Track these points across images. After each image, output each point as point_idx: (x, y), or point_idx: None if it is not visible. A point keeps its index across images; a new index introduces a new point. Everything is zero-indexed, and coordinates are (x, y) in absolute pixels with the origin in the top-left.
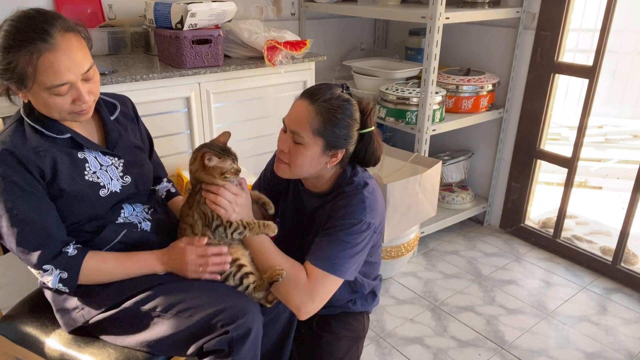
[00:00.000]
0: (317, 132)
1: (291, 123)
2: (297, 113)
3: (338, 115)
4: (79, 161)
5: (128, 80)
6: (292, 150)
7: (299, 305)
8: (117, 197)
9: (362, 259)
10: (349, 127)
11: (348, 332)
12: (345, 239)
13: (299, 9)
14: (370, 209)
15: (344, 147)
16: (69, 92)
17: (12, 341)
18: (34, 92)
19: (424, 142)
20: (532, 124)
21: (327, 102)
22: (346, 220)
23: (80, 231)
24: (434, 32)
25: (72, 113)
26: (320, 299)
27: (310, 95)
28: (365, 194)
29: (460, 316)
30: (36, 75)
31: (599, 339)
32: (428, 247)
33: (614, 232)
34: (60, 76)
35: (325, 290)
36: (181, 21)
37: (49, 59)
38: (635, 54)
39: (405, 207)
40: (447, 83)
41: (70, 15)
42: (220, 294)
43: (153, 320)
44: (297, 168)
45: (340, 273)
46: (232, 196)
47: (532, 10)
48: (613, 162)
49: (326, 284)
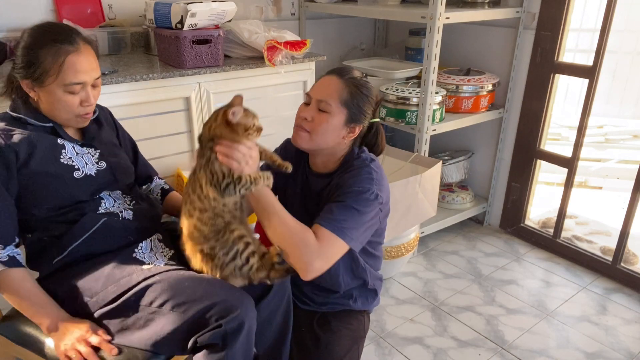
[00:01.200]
0: (344, 102)
1: (319, 93)
2: (326, 85)
3: (364, 91)
4: (57, 145)
5: (128, 80)
6: (316, 119)
7: (307, 262)
8: (94, 181)
9: (368, 232)
10: (369, 105)
11: (348, 332)
12: (354, 205)
13: (299, 9)
14: (377, 182)
15: (362, 123)
16: (80, 93)
17: (12, 341)
18: (50, 89)
19: (424, 142)
20: (532, 124)
21: (355, 79)
22: (355, 187)
23: (61, 220)
24: (434, 32)
25: (77, 116)
26: (327, 259)
27: (339, 72)
28: (373, 167)
29: (460, 316)
30: (59, 73)
31: (599, 339)
32: (428, 247)
33: (614, 232)
34: (79, 75)
35: (333, 252)
36: (181, 21)
37: (73, 60)
38: (635, 54)
39: (405, 207)
40: (447, 83)
41: (70, 15)
42: (214, 287)
43: (150, 316)
44: (318, 136)
45: (348, 239)
46: (246, 149)
47: (532, 10)
48: (613, 162)
49: (334, 245)
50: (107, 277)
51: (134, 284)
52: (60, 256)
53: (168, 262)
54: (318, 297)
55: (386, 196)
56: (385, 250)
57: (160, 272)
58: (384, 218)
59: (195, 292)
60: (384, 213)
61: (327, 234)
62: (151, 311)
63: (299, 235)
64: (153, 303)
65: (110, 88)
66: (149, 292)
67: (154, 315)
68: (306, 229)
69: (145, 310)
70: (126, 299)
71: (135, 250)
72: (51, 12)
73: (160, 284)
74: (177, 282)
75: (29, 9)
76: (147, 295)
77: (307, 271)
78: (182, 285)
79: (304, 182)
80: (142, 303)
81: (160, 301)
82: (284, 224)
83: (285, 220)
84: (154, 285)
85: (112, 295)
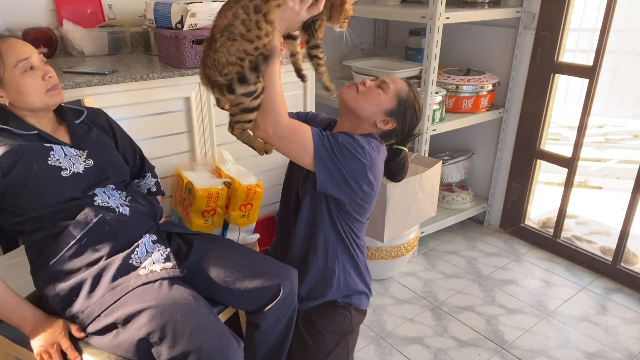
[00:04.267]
0: (399, 96)
1: (387, 78)
2: (396, 79)
3: (416, 107)
4: (45, 149)
5: (128, 80)
6: (371, 89)
7: (268, 122)
8: (82, 179)
9: (337, 187)
10: (411, 120)
11: (332, 328)
12: (342, 141)
13: None
14: (371, 152)
15: (396, 122)
16: (35, 70)
17: (12, 341)
18: (7, 79)
19: (424, 142)
20: (532, 124)
21: (416, 95)
22: (350, 134)
23: (58, 217)
24: (434, 32)
25: (47, 92)
26: (288, 134)
27: (409, 83)
28: (376, 144)
29: (460, 316)
30: (2, 59)
31: (599, 339)
32: (428, 247)
33: (614, 232)
34: (20, 53)
35: (297, 138)
36: (181, 21)
37: (6, 45)
38: (635, 54)
39: (405, 207)
40: (447, 83)
41: (70, 15)
42: (204, 327)
43: (133, 334)
44: (362, 100)
45: (317, 154)
46: (307, 5)
47: (532, 10)
48: (613, 162)
49: (303, 137)
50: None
51: (130, 289)
52: (58, 256)
53: (164, 263)
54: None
55: (378, 174)
56: (385, 250)
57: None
58: (369, 195)
59: (184, 329)
60: (366, 195)
61: (306, 130)
62: (137, 335)
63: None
64: (141, 330)
65: (110, 88)
66: (141, 316)
67: (137, 336)
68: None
69: (130, 331)
70: (117, 316)
71: (132, 255)
72: (51, 12)
73: (152, 311)
74: (171, 311)
75: (29, 9)
76: (138, 319)
77: (259, 129)
78: (173, 317)
79: None
80: (131, 326)
81: (148, 330)
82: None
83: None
84: (148, 310)
85: (108, 302)
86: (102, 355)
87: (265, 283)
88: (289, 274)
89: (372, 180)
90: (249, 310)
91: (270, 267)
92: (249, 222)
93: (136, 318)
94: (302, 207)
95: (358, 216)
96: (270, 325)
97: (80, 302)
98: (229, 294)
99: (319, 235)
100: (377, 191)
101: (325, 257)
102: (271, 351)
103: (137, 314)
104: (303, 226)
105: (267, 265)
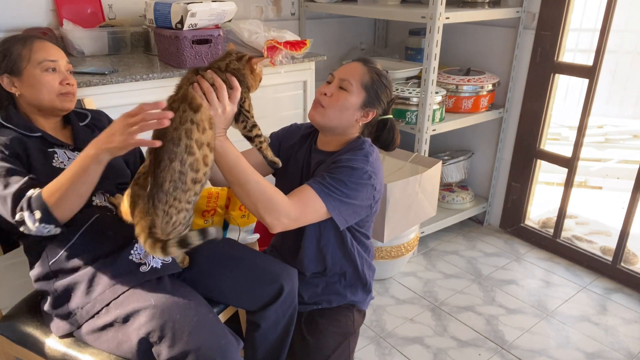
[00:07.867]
0: (364, 86)
1: (342, 73)
2: (350, 68)
3: (383, 81)
4: (48, 153)
5: (128, 80)
6: (335, 95)
7: (279, 216)
8: None
9: (354, 212)
10: (386, 95)
11: (335, 328)
12: (345, 179)
13: (299, 9)
14: (372, 167)
15: (376, 109)
16: (57, 73)
17: (12, 341)
18: (27, 74)
19: (424, 142)
20: (532, 123)
21: (377, 68)
22: (349, 164)
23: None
24: (434, 32)
25: (60, 95)
26: (301, 213)
27: (363, 60)
28: (370, 151)
29: (460, 316)
30: (31, 54)
31: (599, 339)
32: (428, 247)
33: (614, 232)
34: (50, 54)
35: (310, 210)
36: (181, 21)
37: (41, 43)
38: (635, 54)
39: (405, 207)
40: (447, 83)
41: (70, 15)
42: (203, 326)
43: (133, 334)
44: (334, 112)
45: (331, 207)
46: (227, 101)
47: (532, 10)
48: (613, 162)
49: (313, 203)
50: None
51: (131, 286)
52: (57, 256)
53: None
54: (306, 288)
55: (380, 184)
56: (385, 250)
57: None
58: (377, 205)
59: (183, 329)
60: (376, 201)
61: (311, 193)
62: (137, 335)
63: (269, 191)
64: (140, 329)
65: (110, 88)
66: (141, 315)
67: (136, 335)
68: (276, 190)
69: (130, 330)
70: (116, 314)
71: (132, 252)
72: (51, 12)
73: (151, 310)
74: (170, 310)
75: (29, 9)
76: (136, 318)
77: (275, 225)
78: (172, 317)
79: (305, 160)
80: (130, 325)
81: (147, 330)
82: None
83: (253, 177)
84: (147, 310)
85: (108, 299)
86: (102, 355)
87: (266, 283)
88: (290, 273)
89: (379, 188)
90: (250, 310)
91: (271, 267)
92: (249, 222)
93: (135, 317)
94: (306, 229)
95: (368, 218)
96: (270, 325)
97: (79, 298)
98: (229, 293)
99: (327, 249)
100: (382, 186)
101: (333, 267)
102: (271, 351)
103: (136, 313)
104: (313, 247)
105: (268, 265)
